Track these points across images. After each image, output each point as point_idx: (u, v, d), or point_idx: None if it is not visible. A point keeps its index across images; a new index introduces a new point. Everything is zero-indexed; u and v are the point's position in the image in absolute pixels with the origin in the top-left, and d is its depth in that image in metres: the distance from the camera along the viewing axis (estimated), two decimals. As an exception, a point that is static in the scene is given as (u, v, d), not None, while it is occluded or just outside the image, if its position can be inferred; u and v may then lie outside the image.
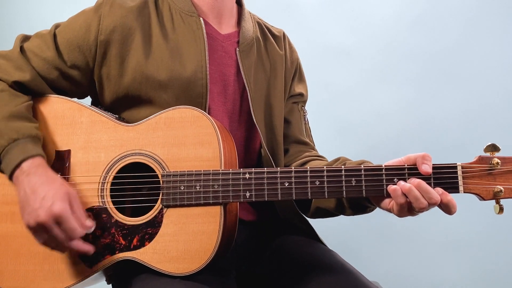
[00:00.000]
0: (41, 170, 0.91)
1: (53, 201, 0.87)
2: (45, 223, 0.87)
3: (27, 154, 0.91)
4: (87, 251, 0.91)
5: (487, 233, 1.96)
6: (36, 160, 0.92)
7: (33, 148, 0.92)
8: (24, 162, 0.91)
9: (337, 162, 1.07)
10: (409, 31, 2.08)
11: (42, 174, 0.90)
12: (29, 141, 0.93)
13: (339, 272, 0.97)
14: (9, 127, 0.93)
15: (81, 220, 0.89)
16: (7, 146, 0.92)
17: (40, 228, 0.88)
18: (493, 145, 0.85)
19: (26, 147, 0.92)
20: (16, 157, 0.91)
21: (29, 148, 0.92)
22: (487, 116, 2.00)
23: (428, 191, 0.84)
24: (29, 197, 0.88)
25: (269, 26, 1.24)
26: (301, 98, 1.24)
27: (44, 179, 0.89)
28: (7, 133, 0.92)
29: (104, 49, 1.02)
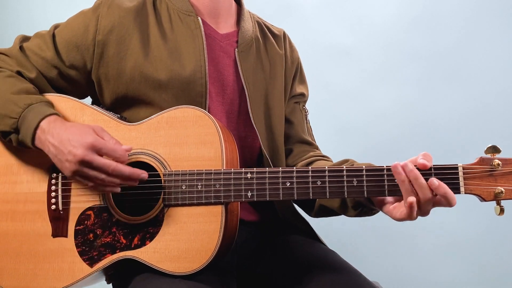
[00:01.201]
0: (59, 123, 0.92)
1: (81, 137, 0.88)
2: (84, 157, 0.87)
3: (43, 114, 0.92)
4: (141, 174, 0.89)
5: (488, 234, 1.96)
6: (52, 117, 0.93)
7: (47, 109, 0.94)
8: (42, 121, 0.92)
9: (345, 164, 1.04)
10: (409, 31, 2.08)
11: (61, 125, 0.92)
12: (43, 104, 0.95)
13: (339, 272, 0.97)
14: (21, 97, 0.95)
15: (117, 143, 0.90)
16: (23, 112, 0.93)
17: (84, 166, 0.87)
18: (494, 146, 0.86)
19: (41, 109, 0.93)
20: (34, 119, 0.92)
21: (44, 109, 0.94)
22: (487, 116, 2.00)
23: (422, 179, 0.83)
24: (59, 148, 0.89)
25: (269, 25, 1.23)
26: (302, 98, 1.24)
27: (64, 127, 0.91)
28: (21, 100, 0.94)
29: (102, 49, 1.02)
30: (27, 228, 0.97)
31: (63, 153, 0.89)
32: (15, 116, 0.93)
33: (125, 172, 0.88)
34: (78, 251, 0.94)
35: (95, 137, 0.89)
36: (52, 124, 0.92)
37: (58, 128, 0.91)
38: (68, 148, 0.88)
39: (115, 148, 0.89)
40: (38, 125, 0.91)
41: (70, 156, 0.88)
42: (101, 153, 0.88)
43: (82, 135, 0.88)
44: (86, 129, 0.90)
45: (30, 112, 0.93)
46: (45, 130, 0.91)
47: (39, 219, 0.97)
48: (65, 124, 0.92)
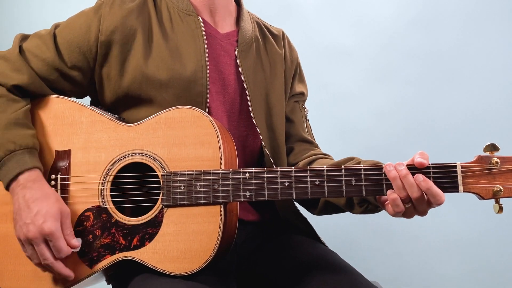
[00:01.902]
0: (37, 184, 0.92)
1: (45, 219, 0.89)
2: (33, 239, 0.89)
3: (23, 167, 0.92)
4: (67, 275, 0.92)
5: (487, 232, 1.96)
6: (33, 173, 0.93)
7: (29, 160, 0.93)
8: (20, 175, 0.92)
9: (351, 162, 1.04)
10: (409, 31, 2.08)
11: (37, 189, 0.92)
12: (26, 153, 0.94)
13: (339, 272, 0.97)
14: (6, 137, 0.94)
15: (69, 240, 0.91)
16: (4, 158, 0.93)
17: (28, 242, 0.90)
18: (493, 144, 0.86)
19: (23, 159, 0.93)
20: (12, 169, 0.92)
21: (26, 160, 0.93)
22: (487, 116, 2.00)
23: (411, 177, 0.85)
24: (22, 211, 0.90)
25: (268, 25, 1.23)
26: (302, 97, 1.24)
27: (39, 194, 0.91)
28: (4, 144, 0.93)
29: (106, 50, 1.02)
30: None
31: (22, 218, 0.90)
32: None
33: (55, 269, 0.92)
34: (77, 252, 0.94)
35: (55, 226, 0.89)
36: (30, 183, 0.92)
37: (34, 191, 0.91)
38: (28, 219, 0.90)
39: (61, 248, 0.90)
40: (16, 177, 0.92)
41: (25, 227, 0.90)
42: (49, 243, 0.90)
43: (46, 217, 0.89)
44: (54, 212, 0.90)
45: (11, 160, 0.93)
46: (20, 185, 0.92)
47: (38, 221, 0.97)
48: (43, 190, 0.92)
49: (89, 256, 0.94)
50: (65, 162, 0.98)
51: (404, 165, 0.86)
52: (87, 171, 0.97)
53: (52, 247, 0.90)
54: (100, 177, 0.96)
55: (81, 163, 0.97)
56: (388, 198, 0.86)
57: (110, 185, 0.96)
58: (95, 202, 0.96)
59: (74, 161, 0.98)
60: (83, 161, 0.97)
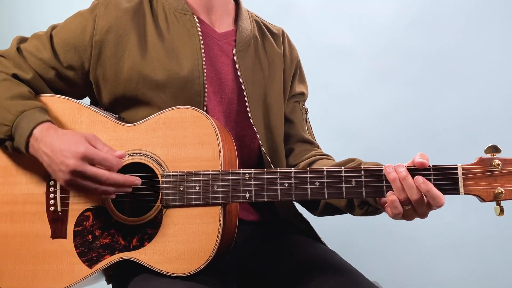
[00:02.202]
0: (52, 130, 0.92)
1: (74, 146, 0.87)
2: (77, 168, 0.86)
3: (36, 121, 0.92)
4: (134, 181, 0.89)
5: (488, 234, 1.95)
6: (45, 125, 0.92)
7: (40, 116, 0.93)
8: (34, 129, 0.91)
9: (352, 163, 1.03)
10: (410, 31, 2.08)
11: (54, 133, 0.91)
12: (36, 111, 0.94)
13: (339, 272, 0.97)
14: (14, 103, 0.94)
15: (112, 153, 0.89)
16: (16, 120, 0.93)
17: (76, 176, 0.87)
18: (494, 146, 0.85)
19: (34, 116, 0.93)
20: (26, 127, 0.92)
21: (37, 116, 0.93)
22: (487, 117, 1.99)
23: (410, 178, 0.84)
24: (51, 157, 0.89)
25: (267, 24, 1.23)
26: (302, 97, 1.24)
27: (56, 135, 0.90)
28: (14, 107, 0.94)
29: (99, 50, 1.02)
30: (27, 230, 0.97)
31: (56, 163, 0.88)
32: (8, 124, 0.93)
33: (119, 181, 0.88)
34: (77, 252, 0.94)
35: (87, 146, 0.88)
36: (45, 132, 0.91)
37: (51, 136, 0.90)
38: (60, 159, 0.87)
39: (107, 157, 0.88)
40: (31, 133, 0.91)
41: (63, 166, 0.87)
42: (93, 162, 0.87)
43: (74, 144, 0.88)
44: (78, 138, 0.89)
45: (23, 119, 0.92)
46: (37, 139, 0.91)
47: (38, 221, 0.97)
48: (58, 132, 0.91)
49: (89, 256, 0.94)
50: (64, 162, 0.98)
51: (404, 167, 0.86)
52: (86, 171, 0.97)
53: (98, 163, 0.87)
54: (100, 177, 0.96)
55: (81, 163, 0.97)
56: (387, 200, 0.86)
57: (110, 185, 0.95)
58: (95, 202, 0.96)
59: (73, 161, 0.98)
60: (82, 161, 0.97)
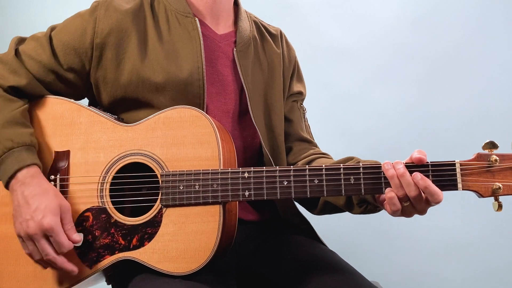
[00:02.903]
0: (36, 180, 0.92)
1: (44, 214, 0.88)
2: (33, 235, 0.89)
3: (22, 164, 0.92)
4: (70, 270, 0.92)
5: (487, 232, 1.95)
6: (31, 170, 0.93)
7: (27, 157, 0.93)
8: (19, 172, 0.92)
9: (350, 162, 1.04)
10: (410, 32, 2.08)
11: (36, 185, 0.91)
12: (23, 150, 0.94)
13: (339, 272, 0.97)
14: (3, 135, 0.94)
15: (70, 235, 0.91)
16: (2, 156, 0.93)
17: (29, 238, 0.90)
18: (492, 142, 0.85)
19: (21, 156, 0.93)
20: (11, 167, 0.92)
21: (24, 157, 0.93)
22: (488, 117, 1.99)
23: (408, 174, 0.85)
24: (22, 207, 0.90)
25: (265, 24, 1.24)
26: (300, 96, 1.24)
27: (38, 190, 0.91)
28: (2, 142, 0.93)
29: (100, 52, 1.02)
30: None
31: (21, 215, 0.90)
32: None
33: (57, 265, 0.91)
34: (77, 253, 0.94)
35: (55, 221, 0.89)
36: (29, 179, 0.92)
37: (32, 188, 0.91)
38: (27, 216, 0.89)
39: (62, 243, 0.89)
40: (14, 175, 0.92)
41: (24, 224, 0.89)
42: (49, 238, 0.89)
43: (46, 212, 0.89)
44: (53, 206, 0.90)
45: (9, 157, 0.93)
46: (19, 181, 0.92)
47: (38, 221, 0.97)
48: (41, 186, 0.91)
49: (89, 257, 0.94)
50: (64, 162, 0.98)
51: (402, 164, 0.86)
52: (86, 171, 0.97)
53: (53, 242, 0.89)
54: (99, 178, 0.96)
55: (80, 164, 0.98)
56: (386, 196, 0.86)
57: (109, 186, 0.96)
58: (94, 202, 0.96)
59: (73, 162, 0.98)
60: (82, 161, 0.98)
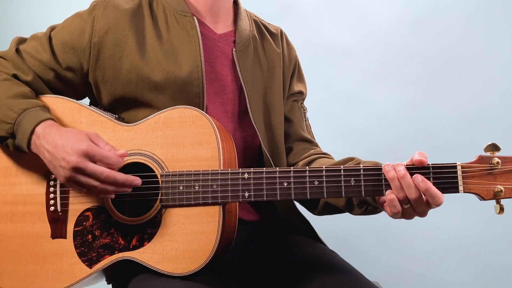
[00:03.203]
0: (54, 128, 0.92)
1: (76, 143, 0.88)
2: (78, 164, 0.86)
3: (38, 119, 0.92)
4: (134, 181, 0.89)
5: (487, 235, 1.95)
6: (47, 122, 0.93)
7: (43, 114, 0.94)
8: (37, 127, 0.92)
9: (351, 162, 1.03)
10: (410, 32, 2.07)
11: (56, 130, 0.91)
12: (39, 109, 0.94)
13: (339, 272, 0.97)
14: (16, 101, 0.95)
15: (112, 149, 0.90)
16: (18, 118, 0.93)
17: (77, 173, 0.87)
18: (494, 144, 0.85)
19: (37, 113, 0.93)
20: (29, 124, 0.92)
21: (40, 114, 0.93)
22: (488, 117, 1.99)
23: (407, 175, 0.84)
24: (53, 154, 0.89)
25: (266, 23, 1.23)
26: (301, 96, 1.24)
27: (59, 133, 0.91)
28: (16, 105, 0.94)
29: (98, 51, 1.02)
30: (27, 230, 0.97)
31: (57, 159, 0.89)
32: (10, 121, 0.93)
33: (118, 180, 0.88)
34: (77, 252, 0.95)
35: (89, 143, 0.88)
36: (47, 129, 0.91)
37: (53, 133, 0.90)
38: (61, 155, 0.88)
39: (108, 155, 0.88)
40: (33, 130, 0.91)
41: (64, 162, 0.87)
42: (94, 160, 0.88)
43: (76, 141, 0.88)
44: (80, 136, 0.90)
45: (25, 117, 0.93)
46: (40, 136, 0.91)
47: (38, 221, 0.97)
48: (60, 130, 0.92)
49: (89, 256, 0.94)
50: (64, 162, 0.98)
51: (403, 166, 0.85)
52: (86, 171, 0.97)
53: (99, 160, 0.87)
54: (99, 177, 0.96)
55: (80, 163, 0.97)
56: (386, 198, 0.86)
57: (109, 185, 0.96)
58: (94, 202, 0.96)
59: (73, 161, 0.98)
60: (82, 161, 0.97)
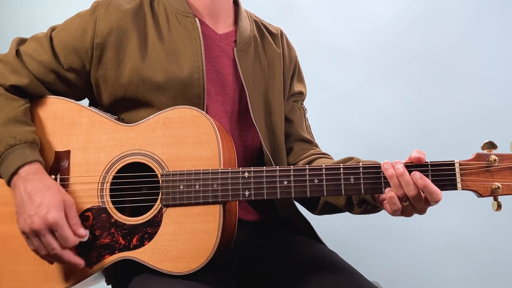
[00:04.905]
0: (38, 176, 0.92)
1: (48, 209, 0.88)
2: (39, 230, 0.89)
3: (24, 160, 0.92)
4: (77, 264, 0.92)
5: (487, 234, 1.95)
6: (33, 166, 0.93)
7: (30, 154, 0.93)
8: (21, 168, 0.92)
9: (350, 162, 1.04)
10: (410, 31, 2.08)
11: (39, 181, 0.91)
12: (26, 147, 0.94)
13: (339, 272, 0.97)
14: (6, 132, 0.94)
15: (75, 229, 0.91)
16: (5, 153, 0.93)
17: (34, 234, 0.90)
18: (491, 142, 0.86)
19: (24, 153, 0.93)
20: (13, 163, 0.92)
21: (26, 154, 0.93)
22: (487, 117, 2.00)
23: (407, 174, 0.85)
24: (25, 203, 0.90)
25: (266, 24, 1.24)
26: (301, 96, 1.24)
27: (40, 186, 0.91)
28: (4, 139, 0.93)
29: (100, 52, 1.02)
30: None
31: (25, 212, 0.90)
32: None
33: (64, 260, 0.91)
34: (77, 252, 0.94)
35: (59, 215, 0.89)
36: (31, 175, 0.92)
37: (35, 183, 0.91)
38: (30, 212, 0.89)
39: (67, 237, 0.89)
40: (16, 171, 0.92)
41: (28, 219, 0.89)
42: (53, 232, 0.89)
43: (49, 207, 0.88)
44: (56, 201, 0.90)
45: (11, 154, 0.93)
46: (21, 177, 0.92)
47: (38, 221, 0.97)
48: (42, 182, 0.91)
49: (89, 256, 0.94)
50: (64, 162, 0.98)
51: (401, 163, 0.86)
52: (86, 171, 0.97)
53: (58, 236, 0.89)
54: (100, 177, 0.97)
55: (81, 164, 0.98)
56: (386, 196, 0.87)
57: (110, 185, 0.96)
58: (95, 202, 0.96)
59: (73, 162, 0.98)
60: (82, 161, 0.98)
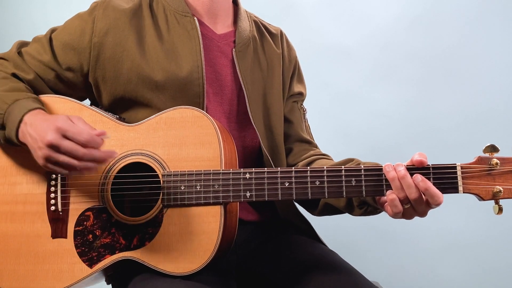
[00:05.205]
0: (41, 115, 0.91)
1: (54, 121, 0.86)
2: (52, 141, 0.84)
3: (28, 108, 0.91)
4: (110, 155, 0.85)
5: (487, 234, 1.96)
6: (36, 111, 0.92)
7: (33, 103, 0.93)
8: (25, 115, 0.91)
9: (351, 163, 1.04)
10: (410, 31, 2.08)
11: (42, 116, 0.90)
12: (29, 100, 0.94)
13: (339, 272, 0.97)
14: (10, 94, 0.95)
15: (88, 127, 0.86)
16: (9, 108, 0.92)
17: (53, 151, 0.85)
18: (492, 145, 0.86)
19: (27, 103, 0.93)
20: (18, 113, 0.91)
21: (30, 103, 0.93)
22: (487, 117, 2.00)
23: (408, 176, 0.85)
24: (33, 136, 0.87)
25: (266, 24, 1.23)
26: (300, 97, 1.24)
27: (44, 118, 0.89)
28: (9, 97, 0.94)
29: (98, 52, 1.02)
30: (27, 229, 0.97)
31: (36, 140, 0.87)
32: (1, 112, 0.93)
33: (96, 157, 0.85)
34: (77, 252, 0.95)
35: (64, 120, 0.86)
36: (34, 117, 0.90)
37: (39, 119, 0.89)
38: (39, 135, 0.86)
39: (80, 130, 0.84)
40: (21, 119, 0.91)
41: (40, 142, 0.86)
42: (66, 135, 0.85)
43: (54, 121, 0.86)
44: (60, 116, 0.88)
45: (15, 107, 0.92)
46: (27, 123, 0.90)
47: (38, 220, 0.97)
48: (46, 115, 0.91)
49: (89, 256, 0.94)
50: (65, 161, 0.98)
51: (403, 166, 0.86)
52: (87, 171, 0.97)
53: (72, 137, 0.84)
54: (101, 177, 0.96)
55: (81, 163, 0.97)
56: (387, 198, 0.87)
57: (111, 185, 0.96)
58: (95, 202, 0.96)
59: (74, 161, 0.98)
60: (83, 161, 0.97)
